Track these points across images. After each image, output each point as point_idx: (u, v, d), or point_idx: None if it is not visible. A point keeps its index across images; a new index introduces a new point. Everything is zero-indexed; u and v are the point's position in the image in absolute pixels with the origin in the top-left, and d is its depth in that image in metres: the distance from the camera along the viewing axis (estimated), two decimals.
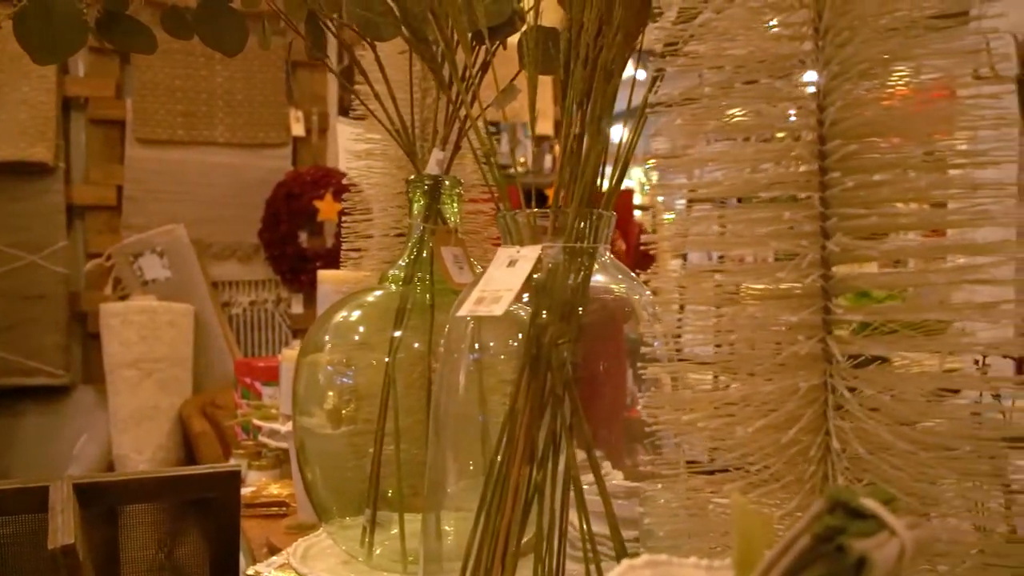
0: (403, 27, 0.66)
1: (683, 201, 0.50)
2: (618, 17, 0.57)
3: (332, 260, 1.20)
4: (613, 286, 0.64)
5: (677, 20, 0.53)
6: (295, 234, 3.72)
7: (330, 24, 0.75)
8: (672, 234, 0.47)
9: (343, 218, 1.16)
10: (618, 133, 0.62)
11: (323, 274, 1.49)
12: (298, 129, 3.83)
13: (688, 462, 0.50)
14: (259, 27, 0.79)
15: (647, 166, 0.49)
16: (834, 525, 0.29)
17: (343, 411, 0.91)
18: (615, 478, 0.71)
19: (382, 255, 1.01)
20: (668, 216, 0.51)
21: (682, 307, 0.50)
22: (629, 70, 0.63)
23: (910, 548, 0.31)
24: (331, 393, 0.87)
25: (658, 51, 0.53)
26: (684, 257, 0.53)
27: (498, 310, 0.55)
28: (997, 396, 0.55)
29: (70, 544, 0.68)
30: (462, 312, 0.58)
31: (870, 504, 0.31)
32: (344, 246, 1.15)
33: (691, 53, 0.49)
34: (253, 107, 3.67)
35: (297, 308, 3.74)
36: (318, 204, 3.64)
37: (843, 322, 0.47)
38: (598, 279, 0.63)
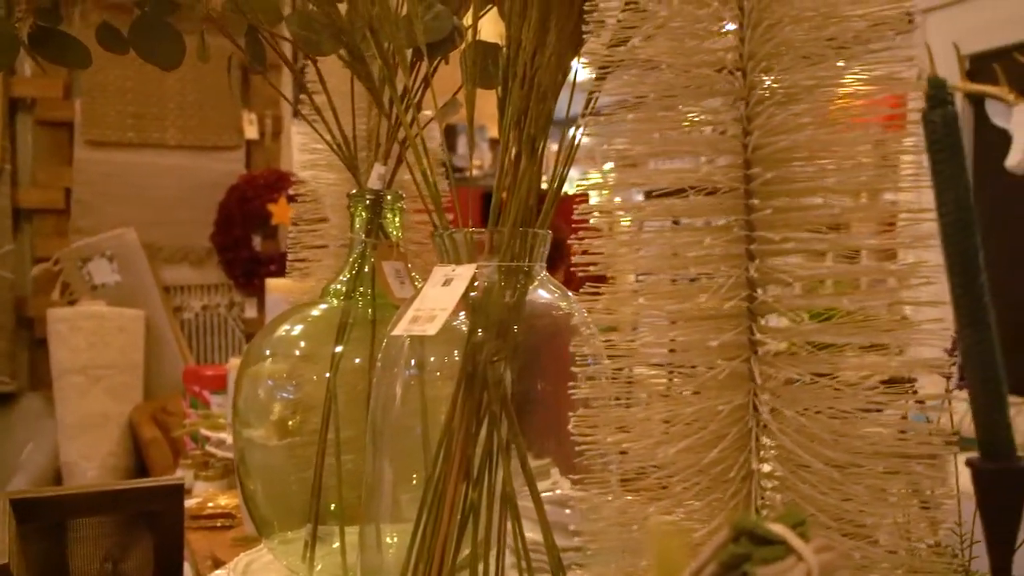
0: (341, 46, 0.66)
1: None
2: (552, 40, 0.58)
3: (286, 264, 1.19)
4: (558, 302, 0.64)
5: (610, 44, 0.53)
6: (248, 238, 3.69)
7: (269, 37, 0.74)
8: (596, 257, 0.48)
9: (290, 229, 1.16)
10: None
11: (272, 283, 1.49)
12: (251, 132, 3.80)
13: (626, 480, 0.51)
14: (204, 36, 0.79)
15: (575, 185, 0.50)
16: (739, 553, 0.30)
17: (289, 423, 0.91)
18: (563, 487, 0.72)
19: (336, 264, 1.01)
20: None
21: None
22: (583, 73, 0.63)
23: (817, 571, 0.32)
24: (276, 405, 0.87)
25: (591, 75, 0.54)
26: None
27: (432, 329, 0.55)
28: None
29: (4, 564, 0.67)
30: (397, 331, 0.58)
31: (777, 529, 0.32)
32: (290, 256, 1.15)
33: (619, 78, 0.50)
34: (205, 109, 3.63)
35: (251, 312, 3.71)
36: (272, 208, 3.61)
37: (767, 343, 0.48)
38: (543, 295, 0.64)
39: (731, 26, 0.49)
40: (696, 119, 0.49)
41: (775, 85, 0.48)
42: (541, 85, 0.59)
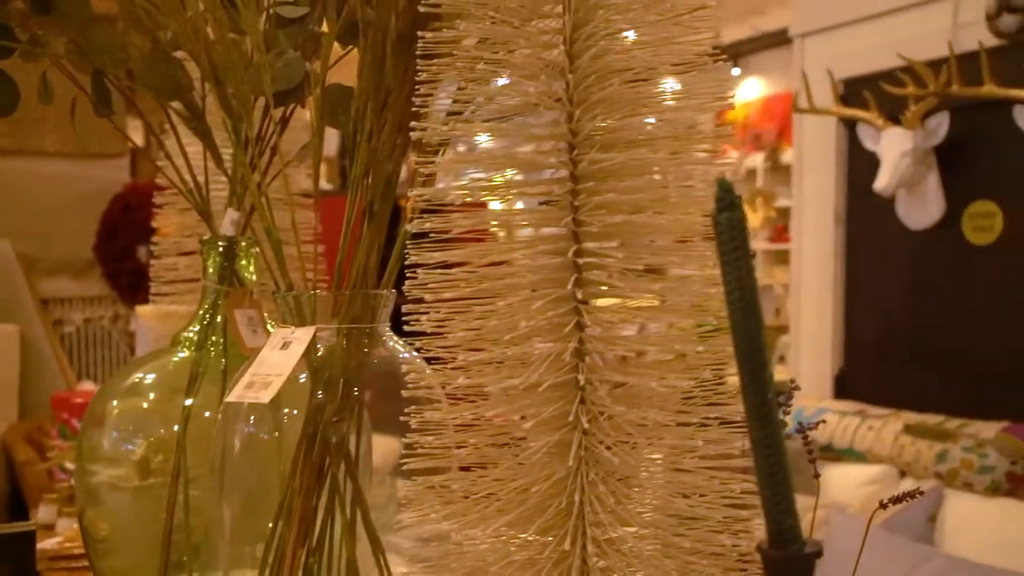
0: (177, 101, 0.65)
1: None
2: (392, 101, 0.58)
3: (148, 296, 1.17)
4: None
5: (447, 118, 0.53)
6: (133, 249, 3.57)
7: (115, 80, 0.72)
8: (426, 325, 0.48)
9: (152, 261, 1.13)
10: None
11: (142, 310, 1.44)
12: (137, 138, 3.68)
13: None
14: (46, 76, 0.76)
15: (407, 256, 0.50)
16: None
17: (151, 464, 0.89)
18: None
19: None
20: None
21: None
22: None
23: None
24: (136, 449, 0.85)
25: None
26: None
27: (265, 397, 0.55)
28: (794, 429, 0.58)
29: None
30: (231, 398, 0.57)
31: None
32: (152, 290, 1.12)
33: (452, 149, 0.51)
34: (87, 114, 3.50)
35: (136, 325, 3.59)
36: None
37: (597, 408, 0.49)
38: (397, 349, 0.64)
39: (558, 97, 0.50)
40: (526, 192, 0.50)
41: (599, 162, 0.49)
42: (379, 149, 0.59)
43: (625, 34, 0.50)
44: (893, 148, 2.55)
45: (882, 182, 2.57)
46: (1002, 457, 2.29)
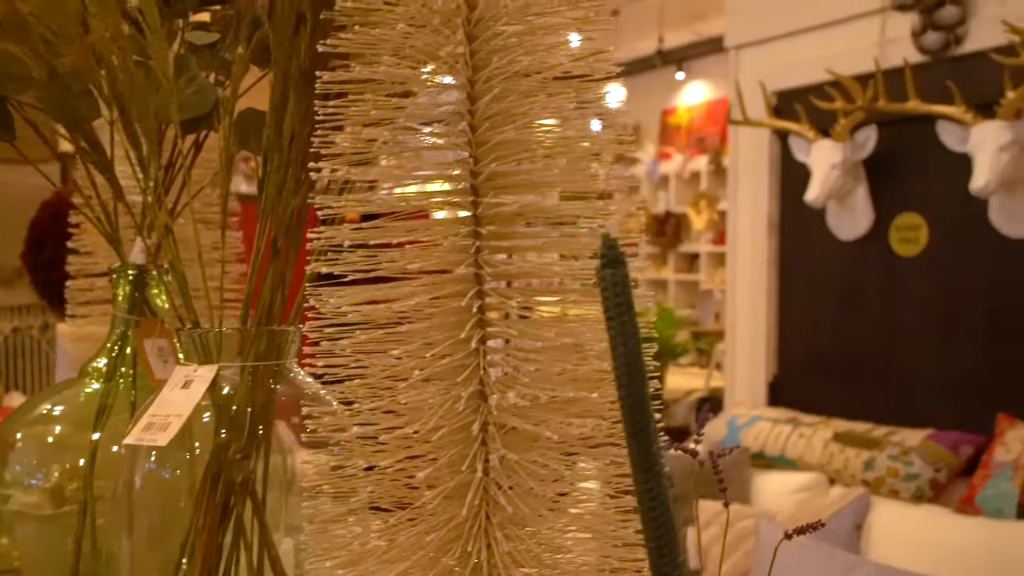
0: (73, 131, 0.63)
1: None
2: (296, 144, 0.58)
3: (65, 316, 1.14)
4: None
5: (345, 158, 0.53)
6: (64, 258, 3.49)
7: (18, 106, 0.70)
8: (323, 369, 0.48)
9: (68, 282, 1.10)
10: None
11: (62, 328, 1.41)
12: (68, 144, 3.59)
13: None
14: None
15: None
16: None
17: (65, 492, 0.86)
18: None
19: None
20: None
21: None
22: None
23: None
24: (39, 480, 0.83)
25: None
26: None
27: (163, 440, 0.54)
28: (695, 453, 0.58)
29: None
30: (129, 440, 0.56)
31: None
32: (68, 311, 1.10)
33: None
34: (15, 118, 3.41)
35: (56, 343, 3.50)
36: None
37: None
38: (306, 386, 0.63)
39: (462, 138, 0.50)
40: (427, 238, 0.50)
41: (498, 205, 0.49)
42: (285, 184, 0.58)
43: (525, 77, 0.50)
44: (823, 160, 2.60)
45: (813, 193, 2.62)
46: (926, 464, 2.35)
